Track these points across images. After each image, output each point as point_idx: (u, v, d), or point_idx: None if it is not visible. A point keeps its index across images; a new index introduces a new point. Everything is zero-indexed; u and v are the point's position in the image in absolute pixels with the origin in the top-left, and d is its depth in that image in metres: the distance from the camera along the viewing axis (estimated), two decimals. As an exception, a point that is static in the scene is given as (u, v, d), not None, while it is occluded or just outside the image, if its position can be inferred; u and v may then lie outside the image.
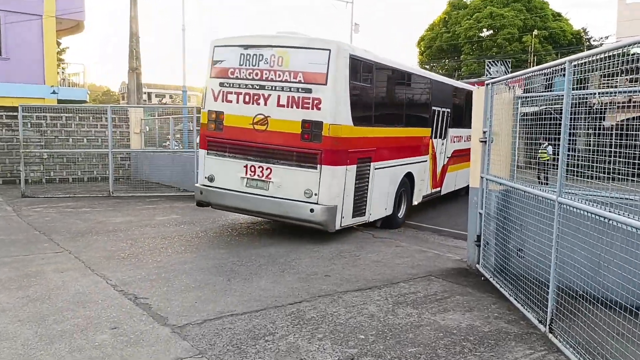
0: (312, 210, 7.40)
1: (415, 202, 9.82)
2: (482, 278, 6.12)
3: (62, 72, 20.97)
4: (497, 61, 29.81)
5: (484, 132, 6.27)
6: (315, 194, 7.43)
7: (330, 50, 7.29)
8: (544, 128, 4.99)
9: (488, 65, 29.32)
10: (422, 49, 37.53)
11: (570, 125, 4.10)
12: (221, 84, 8.04)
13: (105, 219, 9.62)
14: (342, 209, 7.57)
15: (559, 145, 4.12)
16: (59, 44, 24.30)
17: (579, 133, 4.59)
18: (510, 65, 28.81)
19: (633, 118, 4.01)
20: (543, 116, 5.08)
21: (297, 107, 7.46)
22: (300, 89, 7.45)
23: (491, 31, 34.56)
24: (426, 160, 10.03)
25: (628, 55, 3.41)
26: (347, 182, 7.59)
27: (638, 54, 3.36)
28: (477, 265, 6.46)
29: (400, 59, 10.66)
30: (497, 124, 6.07)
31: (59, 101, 18.11)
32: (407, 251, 7.53)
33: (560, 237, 4.25)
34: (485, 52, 33.84)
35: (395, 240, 8.25)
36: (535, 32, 31.78)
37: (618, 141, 3.69)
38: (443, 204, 12.02)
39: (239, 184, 7.96)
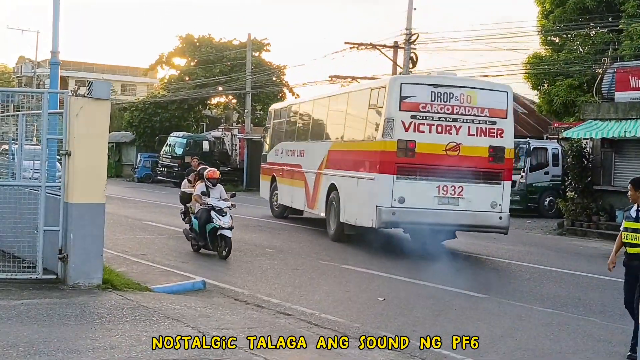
0: (500, 218, 16.10)
1: None
2: None
3: None
4: None
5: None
6: (500, 205, 16.03)
7: (507, 92, 16.53)
8: None
9: None
10: (548, 5, 35.15)
11: None
12: (412, 117, 15.83)
13: None
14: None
15: None
16: None
17: None
18: None
19: None
20: None
21: (485, 136, 16.03)
22: (487, 122, 16.09)
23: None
24: None
25: None
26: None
27: None
28: None
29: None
30: None
31: None
32: None
33: None
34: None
35: None
36: None
37: None
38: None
39: (431, 202, 15.78)
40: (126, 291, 10.80)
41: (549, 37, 36.74)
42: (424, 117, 15.90)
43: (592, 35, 35.82)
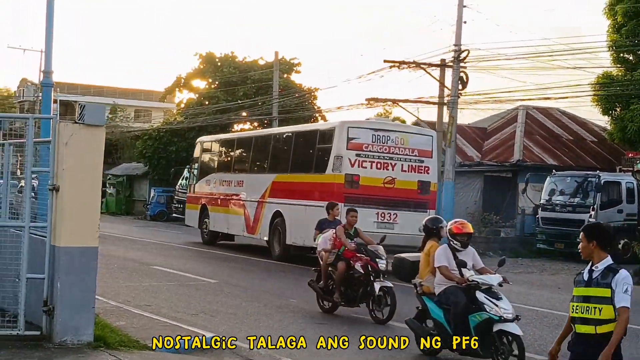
0: None
1: None
2: None
3: None
4: None
5: None
6: None
7: (432, 136, 25.28)
8: None
9: None
10: (620, 18, 34.80)
11: None
12: (357, 155, 22.63)
13: None
14: None
15: None
16: None
17: None
18: None
19: None
20: None
21: (415, 172, 23.45)
22: (416, 160, 23.56)
23: None
24: None
25: None
26: None
27: None
28: None
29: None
30: None
31: None
32: None
33: None
34: None
35: None
36: None
37: None
38: None
39: (371, 226, 21.15)
40: (121, 350, 10.59)
41: (622, 54, 36.28)
42: (367, 155, 22.69)
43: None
